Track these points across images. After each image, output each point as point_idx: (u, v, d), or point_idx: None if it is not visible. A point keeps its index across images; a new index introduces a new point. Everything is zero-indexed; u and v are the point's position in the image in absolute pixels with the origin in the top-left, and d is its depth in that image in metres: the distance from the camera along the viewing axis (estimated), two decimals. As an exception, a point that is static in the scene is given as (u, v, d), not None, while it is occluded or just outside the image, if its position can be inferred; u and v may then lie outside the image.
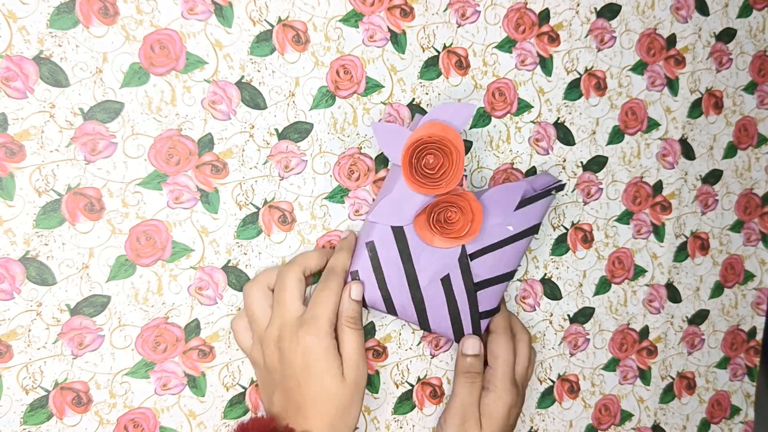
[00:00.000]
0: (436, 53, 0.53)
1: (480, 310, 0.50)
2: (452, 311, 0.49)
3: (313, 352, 0.44)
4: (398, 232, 0.47)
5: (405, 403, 0.55)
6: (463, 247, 0.48)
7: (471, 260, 0.48)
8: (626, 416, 0.62)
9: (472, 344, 0.50)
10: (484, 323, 0.51)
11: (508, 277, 0.50)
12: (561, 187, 0.49)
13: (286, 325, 0.45)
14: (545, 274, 0.58)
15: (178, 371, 0.49)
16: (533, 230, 0.49)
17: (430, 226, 0.47)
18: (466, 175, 0.49)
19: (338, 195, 0.52)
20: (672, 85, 0.60)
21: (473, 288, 0.49)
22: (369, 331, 0.54)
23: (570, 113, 0.57)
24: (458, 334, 0.50)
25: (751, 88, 0.63)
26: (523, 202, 0.49)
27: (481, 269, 0.49)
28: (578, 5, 0.56)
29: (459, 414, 0.49)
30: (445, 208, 0.47)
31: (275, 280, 0.47)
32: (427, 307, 0.49)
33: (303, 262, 0.47)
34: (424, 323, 0.49)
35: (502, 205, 0.48)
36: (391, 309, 0.48)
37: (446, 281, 0.48)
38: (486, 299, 0.50)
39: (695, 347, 0.64)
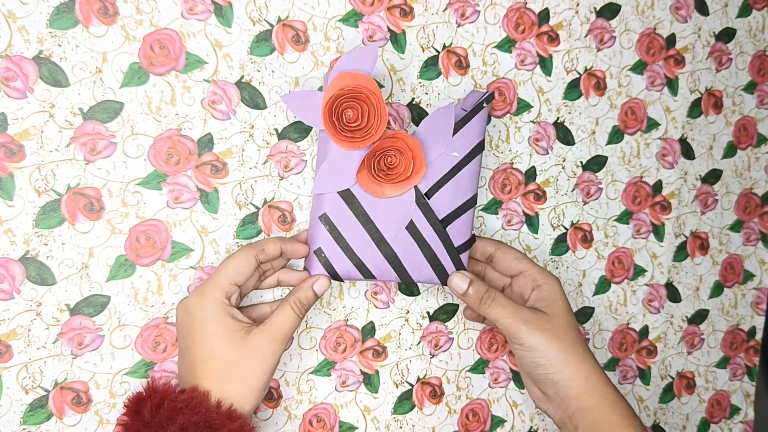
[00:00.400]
0: (436, 53, 0.53)
1: (455, 245, 0.49)
2: (428, 255, 0.48)
3: (198, 314, 0.43)
4: (347, 196, 0.46)
5: (405, 402, 0.55)
6: (416, 188, 0.47)
7: (429, 198, 0.47)
8: (626, 416, 0.62)
9: (458, 280, 0.48)
10: (464, 257, 0.49)
11: (470, 203, 0.49)
12: (491, 98, 0.48)
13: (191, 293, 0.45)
14: (545, 274, 0.58)
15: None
16: (479, 148, 0.48)
17: (374, 177, 0.46)
18: (392, 115, 0.47)
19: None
20: (672, 84, 0.60)
21: (441, 225, 0.48)
22: (369, 331, 0.54)
23: (570, 113, 0.57)
24: (442, 276, 0.49)
25: (750, 87, 0.63)
26: (459, 124, 0.47)
27: (441, 204, 0.48)
28: (578, 5, 0.56)
29: (524, 327, 0.46)
30: (383, 155, 0.46)
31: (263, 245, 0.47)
32: (402, 260, 0.48)
33: (260, 245, 0.46)
34: (405, 276, 0.48)
35: (439, 133, 0.47)
36: (367, 273, 0.48)
37: (412, 227, 0.47)
38: (457, 233, 0.49)
39: (695, 347, 0.64)
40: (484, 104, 0.48)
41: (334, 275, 0.47)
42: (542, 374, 0.46)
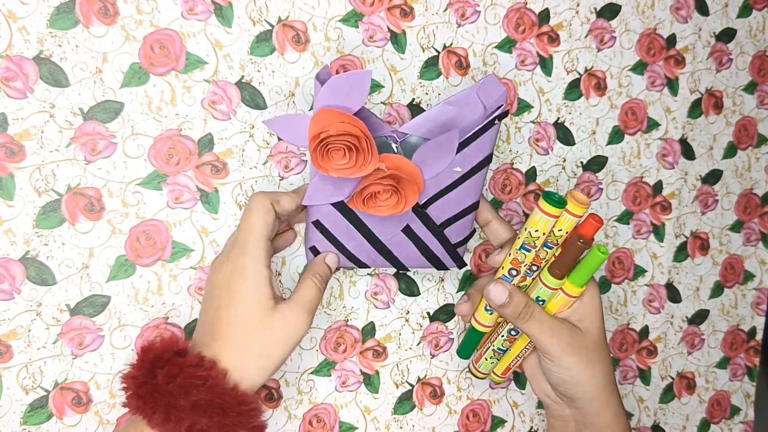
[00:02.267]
0: (436, 53, 0.53)
1: (453, 242, 0.48)
2: (423, 249, 0.48)
3: (243, 274, 0.42)
4: (340, 206, 0.45)
5: (405, 403, 0.55)
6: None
7: (426, 208, 0.46)
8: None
9: (497, 292, 0.45)
10: (461, 250, 0.49)
11: (472, 208, 0.47)
12: (505, 114, 0.45)
13: (223, 254, 0.44)
14: (545, 274, 0.58)
15: (178, 371, 0.49)
16: (485, 162, 0.46)
17: (365, 206, 0.44)
18: (392, 137, 0.45)
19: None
20: (672, 85, 0.60)
21: (438, 229, 0.47)
22: (369, 331, 0.54)
23: (570, 113, 0.57)
24: (438, 265, 0.48)
25: (751, 88, 0.63)
26: (468, 140, 0.44)
27: (441, 211, 0.46)
28: (578, 5, 0.56)
29: (560, 347, 0.45)
30: (373, 192, 0.43)
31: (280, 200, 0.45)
32: (396, 254, 0.47)
33: (276, 195, 0.45)
34: (398, 264, 0.48)
35: (441, 153, 0.44)
36: (360, 264, 0.48)
37: (408, 230, 0.47)
38: (456, 231, 0.48)
39: (695, 347, 0.64)
40: (496, 121, 0.45)
41: None
42: (565, 389, 0.47)
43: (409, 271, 0.48)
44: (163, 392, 0.38)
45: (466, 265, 0.50)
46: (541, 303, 0.47)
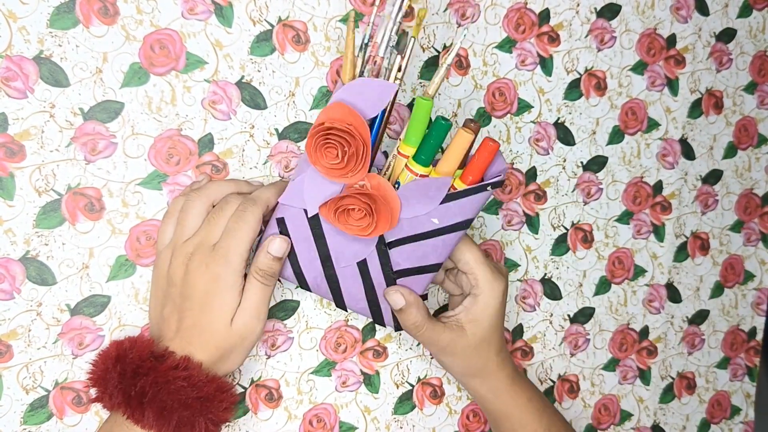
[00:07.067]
0: (436, 53, 0.53)
1: None
2: (369, 296, 0.46)
3: (219, 284, 0.42)
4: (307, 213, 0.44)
5: (405, 403, 0.55)
6: (382, 235, 0.44)
7: (390, 248, 0.45)
8: (626, 416, 0.62)
9: (396, 299, 0.46)
10: None
11: (432, 268, 0.45)
12: (498, 184, 0.44)
13: (203, 246, 0.43)
14: (545, 274, 0.58)
15: (178, 371, 0.49)
16: (464, 225, 0.44)
17: (334, 216, 0.43)
18: (385, 152, 0.45)
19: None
20: (672, 85, 0.60)
21: (392, 276, 0.45)
22: (369, 331, 0.54)
23: (570, 113, 0.57)
24: (377, 316, 0.47)
25: (751, 88, 0.63)
26: (454, 195, 0.43)
27: (401, 258, 0.45)
28: (578, 5, 0.56)
29: (439, 353, 0.48)
30: (351, 203, 0.43)
31: (221, 199, 0.45)
32: (342, 287, 0.46)
33: (265, 198, 0.45)
34: (339, 301, 0.47)
35: (425, 197, 0.43)
36: (303, 284, 0.46)
37: (362, 265, 0.45)
38: (407, 286, 0.46)
39: (695, 347, 0.64)
40: (489, 188, 0.43)
41: None
42: (458, 380, 0.51)
43: (346, 310, 0.48)
44: (150, 398, 0.40)
45: (401, 329, 0.48)
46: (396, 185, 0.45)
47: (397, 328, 0.48)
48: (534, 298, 0.58)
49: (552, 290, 0.58)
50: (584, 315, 0.60)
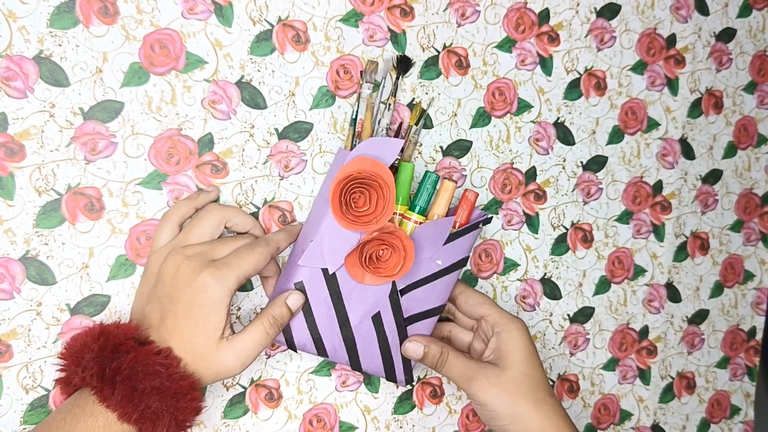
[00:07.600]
0: (436, 53, 0.53)
1: None
2: (384, 350, 0.49)
3: (206, 295, 0.42)
4: (328, 274, 0.46)
5: (405, 402, 0.55)
6: (394, 283, 0.47)
7: (401, 296, 0.48)
8: (626, 416, 0.62)
9: (415, 346, 0.48)
10: (415, 364, 0.51)
11: (438, 311, 0.49)
12: (488, 221, 0.49)
13: (204, 256, 0.43)
14: (545, 274, 0.58)
15: (178, 371, 0.49)
16: (461, 263, 0.49)
17: (362, 264, 0.46)
18: (395, 213, 0.48)
19: (338, 195, 0.52)
20: (672, 85, 0.60)
21: (403, 323, 0.48)
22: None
23: (570, 113, 0.57)
24: (389, 374, 0.50)
25: (751, 88, 0.63)
26: (452, 236, 0.48)
27: (410, 304, 0.48)
28: (578, 5, 0.56)
29: (472, 385, 0.47)
30: (377, 247, 0.46)
31: (235, 215, 0.46)
32: (358, 347, 0.48)
33: (276, 243, 0.47)
34: (355, 363, 0.49)
35: (432, 239, 0.47)
36: (321, 351, 0.48)
37: (377, 318, 0.48)
38: (416, 332, 0.49)
39: (695, 347, 0.64)
40: (480, 225, 0.49)
41: (290, 343, 0.47)
42: (497, 426, 0.48)
43: (362, 372, 0.49)
44: (125, 376, 0.40)
45: (413, 381, 0.51)
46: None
47: (409, 381, 0.50)
48: (534, 297, 0.58)
49: (552, 290, 0.58)
50: (584, 315, 0.60)
